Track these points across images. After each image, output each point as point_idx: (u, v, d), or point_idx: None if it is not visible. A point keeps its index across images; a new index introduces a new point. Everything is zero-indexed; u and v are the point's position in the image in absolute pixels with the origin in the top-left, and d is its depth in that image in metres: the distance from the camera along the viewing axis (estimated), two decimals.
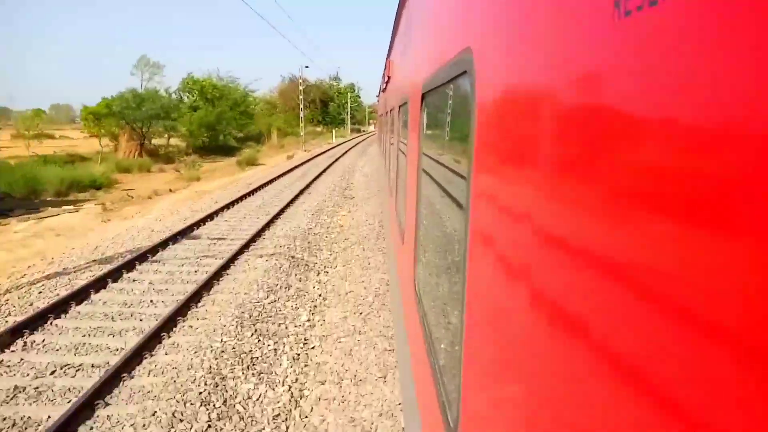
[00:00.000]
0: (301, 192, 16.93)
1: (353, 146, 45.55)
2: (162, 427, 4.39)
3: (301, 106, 42.33)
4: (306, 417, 4.68)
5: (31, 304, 6.84)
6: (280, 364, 5.35)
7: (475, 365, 1.47)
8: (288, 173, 22.71)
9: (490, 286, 1.33)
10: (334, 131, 62.46)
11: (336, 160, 29.06)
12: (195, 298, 7.03)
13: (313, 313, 7.14)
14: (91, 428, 4.40)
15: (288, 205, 14.39)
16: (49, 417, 4.54)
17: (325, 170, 23.33)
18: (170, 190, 21.10)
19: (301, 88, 46.54)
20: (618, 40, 0.74)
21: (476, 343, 1.47)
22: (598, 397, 0.75)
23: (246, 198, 15.81)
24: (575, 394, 0.83)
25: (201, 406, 4.68)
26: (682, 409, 0.58)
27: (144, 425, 4.48)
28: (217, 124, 55.00)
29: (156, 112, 41.33)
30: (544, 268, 0.93)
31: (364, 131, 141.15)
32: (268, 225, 11.79)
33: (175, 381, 4.75)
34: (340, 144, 49.40)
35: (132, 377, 4.87)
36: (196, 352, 5.29)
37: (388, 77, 9.36)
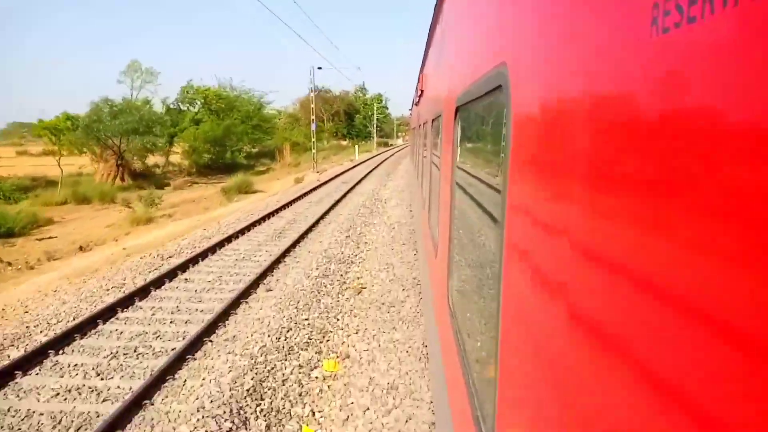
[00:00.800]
0: (280, 259, 10.64)
1: (379, 163, 40.38)
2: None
3: (312, 116, 36.82)
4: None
5: None
6: None
7: (511, 380, 1.44)
8: (282, 210, 17.57)
9: (525, 301, 1.33)
10: (357, 147, 57.45)
11: (351, 188, 23.09)
12: None
13: None
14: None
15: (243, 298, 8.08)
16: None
17: (334, 206, 18.26)
18: (115, 239, 15.36)
19: (312, 94, 42.54)
20: (655, 57, 0.75)
21: (511, 357, 1.45)
22: (636, 411, 0.77)
23: (173, 279, 9.73)
24: (613, 412, 0.85)
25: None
26: (723, 422, 0.56)
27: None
28: (224, 139, 49.72)
29: (133, 125, 35.98)
30: (580, 283, 0.96)
31: (392, 145, 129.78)
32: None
33: None
34: (364, 161, 44.36)
35: None
36: None
37: (422, 91, 8.97)
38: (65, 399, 5.49)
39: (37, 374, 6.03)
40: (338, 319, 7.55)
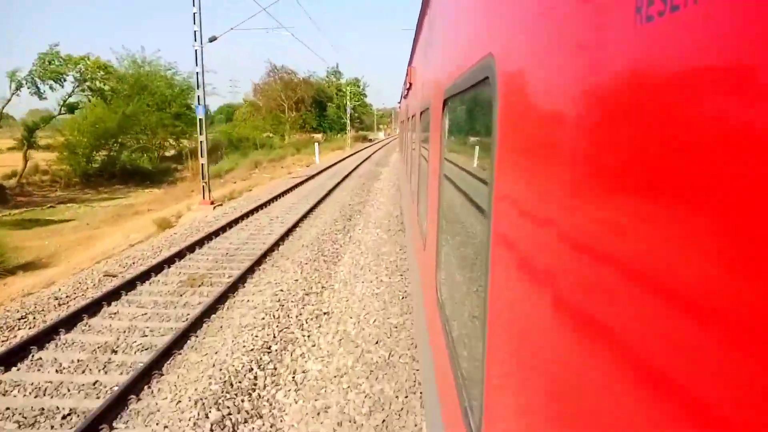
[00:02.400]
0: None
1: (352, 169, 32.57)
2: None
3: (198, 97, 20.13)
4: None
5: None
6: None
7: (499, 370, 1.52)
8: None
9: (513, 291, 1.39)
10: (317, 145, 45.18)
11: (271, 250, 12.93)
12: None
13: None
14: None
15: None
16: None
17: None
18: None
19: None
20: (640, 46, 0.74)
21: (499, 347, 1.52)
22: (622, 401, 0.77)
23: None
24: (600, 400, 0.85)
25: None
26: (708, 413, 0.58)
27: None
28: (120, 134, 36.51)
29: None
30: (567, 272, 1.00)
31: (372, 140, 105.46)
32: None
33: None
34: (326, 168, 34.34)
35: None
36: None
37: (410, 84, 9.44)
38: None
39: None
40: None
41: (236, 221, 14.46)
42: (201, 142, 18.96)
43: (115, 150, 33.33)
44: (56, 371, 6.14)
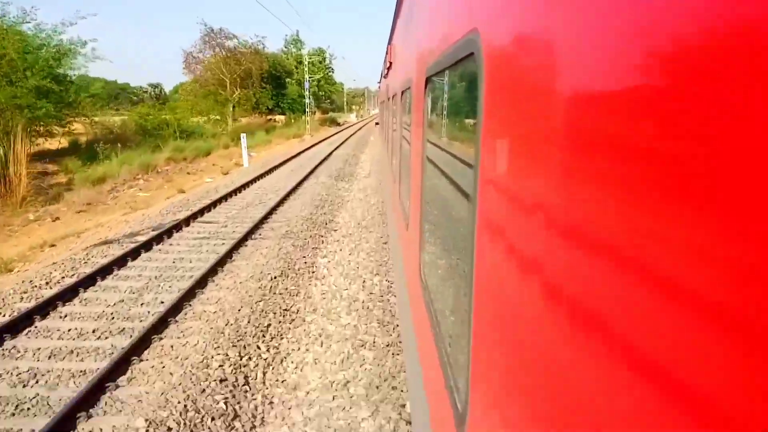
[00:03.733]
0: None
1: (297, 184, 20.78)
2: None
3: None
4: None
5: None
6: None
7: (484, 352, 1.53)
8: None
9: (498, 275, 1.39)
10: (245, 138, 30.22)
11: None
12: None
13: None
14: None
15: None
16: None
17: None
18: None
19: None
20: (635, 17, 0.71)
21: (484, 329, 1.53)
22: (608, 388, 0.76)
23: None
24: (584, 385, 0.84)
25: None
26: (696, 405, 0.57)
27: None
28: None
29: None
30: (553, 258, 1.00)
31: (343, 123, 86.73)
32: None
33: None
34: (255, 179, 22.13)
35: None
36: None
37: (390, 63, 9.50)
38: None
39: None
40: None
41: None
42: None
43: None
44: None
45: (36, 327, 7.52)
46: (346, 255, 10.91)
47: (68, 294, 8.45)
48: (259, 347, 6.91)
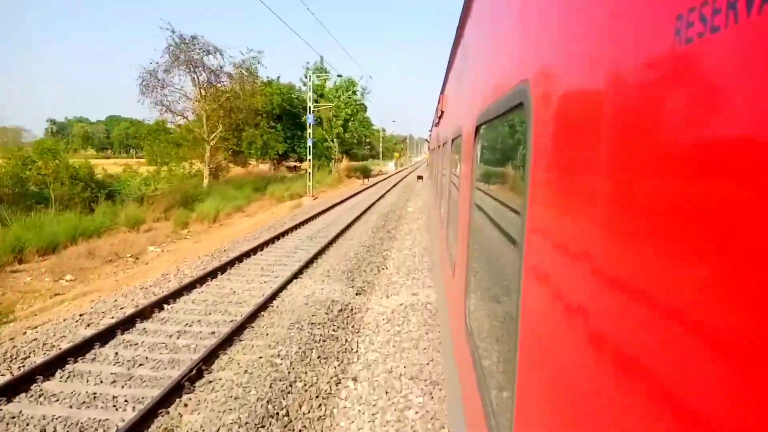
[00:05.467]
0: None
1: None
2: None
3: None
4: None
5: None
6: None
7: (528, 403, 1.56)
8: None
9: (545, 324, 1.44)
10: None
11: None
12: None
13: None
14: None
15: None
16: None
17: None
18: None
19: None
20: (680, 69, 0.75)
21: (530, 379, 1.57)
22: None
23: None
24: None
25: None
26: None
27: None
28: None
29: None
30: (601, 306, 1.02)
31: (378, 173, 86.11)
32: None
33: None
34: None
35: None
36: None
37: (441, 111, 10.18)
38: None
39: None
40: None
41: None
42: None
43: None
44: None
45: None
46: None
47: None
48: None
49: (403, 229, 23.91)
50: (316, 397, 7.51)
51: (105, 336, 9.61)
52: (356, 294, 13.10)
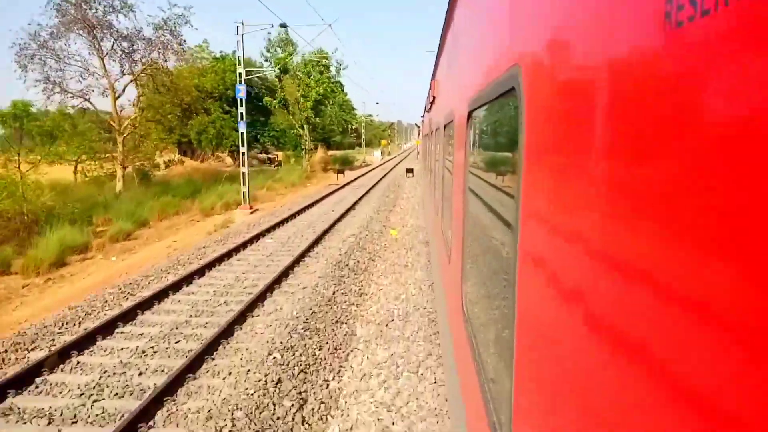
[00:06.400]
0: None
1: None
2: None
3: None
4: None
5: None
6: None
7: (527, 386, 1.56)
8: None
9: (541, 306, 1.45)
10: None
11: None
12: None
13: None
14: None
15: None
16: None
17: None
18: None
19: None
20: (670, 52, 0.73)
21: (527, 362, 1.57)
22: (652, 418, 0.75)
23: None
24: (629, 415, 0.82)
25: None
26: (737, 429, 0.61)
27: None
28: None
29: None
30: (596, 288, 1.02)
31: (362, 165, 72.38)
32: None
33: None
34: None
35: None
36: None
37: (433, 97, 9.96)
38: None
39: None
40: None
41: None
42: None
43: None
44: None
45: None
46: None
47: None
48: None
49: (383, 313, 11.17)
50: None
51: None
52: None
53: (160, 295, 11.11)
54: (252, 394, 6.76)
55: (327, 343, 8.54)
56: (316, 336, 8.68)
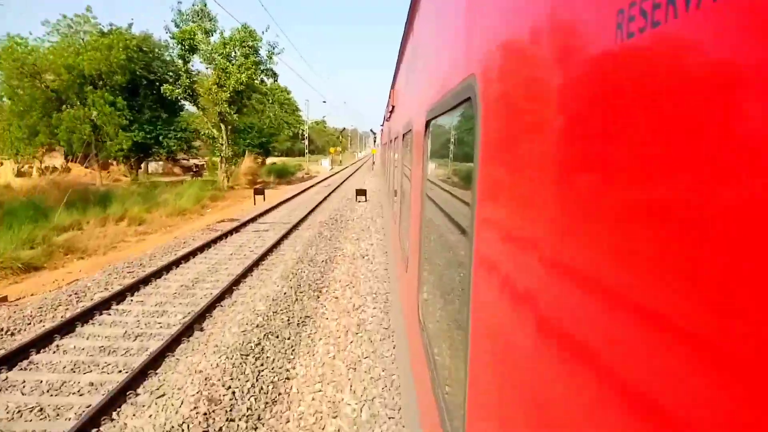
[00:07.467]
0: None
1: None
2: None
3: None
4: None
5: None
6: None
7: (481, 394, 1.60)
8: None
9: (495, 313, 1.49)
10: None
11: None
12: None
13: None
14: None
15: None
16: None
17: None
18: None
19: None
20: (622, 62, 0.77)
21: (481, 369, 1.61)
22: (605, 421, 0.77)
23: None
24: (581, 422, 0.85)
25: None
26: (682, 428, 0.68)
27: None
28: None
29: None
30: (549, 294, 1.06)
31: (306, 177, 58.79)
32: None
33: None
34: None
35: None
36: None
37: (393, 106, 10.37)
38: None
39: None
40: None
41: None
42: None
43: None
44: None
45: None
46: None
47: None
48: None
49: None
50: None
51: None
52: None
53: None
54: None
55: None
56: None
